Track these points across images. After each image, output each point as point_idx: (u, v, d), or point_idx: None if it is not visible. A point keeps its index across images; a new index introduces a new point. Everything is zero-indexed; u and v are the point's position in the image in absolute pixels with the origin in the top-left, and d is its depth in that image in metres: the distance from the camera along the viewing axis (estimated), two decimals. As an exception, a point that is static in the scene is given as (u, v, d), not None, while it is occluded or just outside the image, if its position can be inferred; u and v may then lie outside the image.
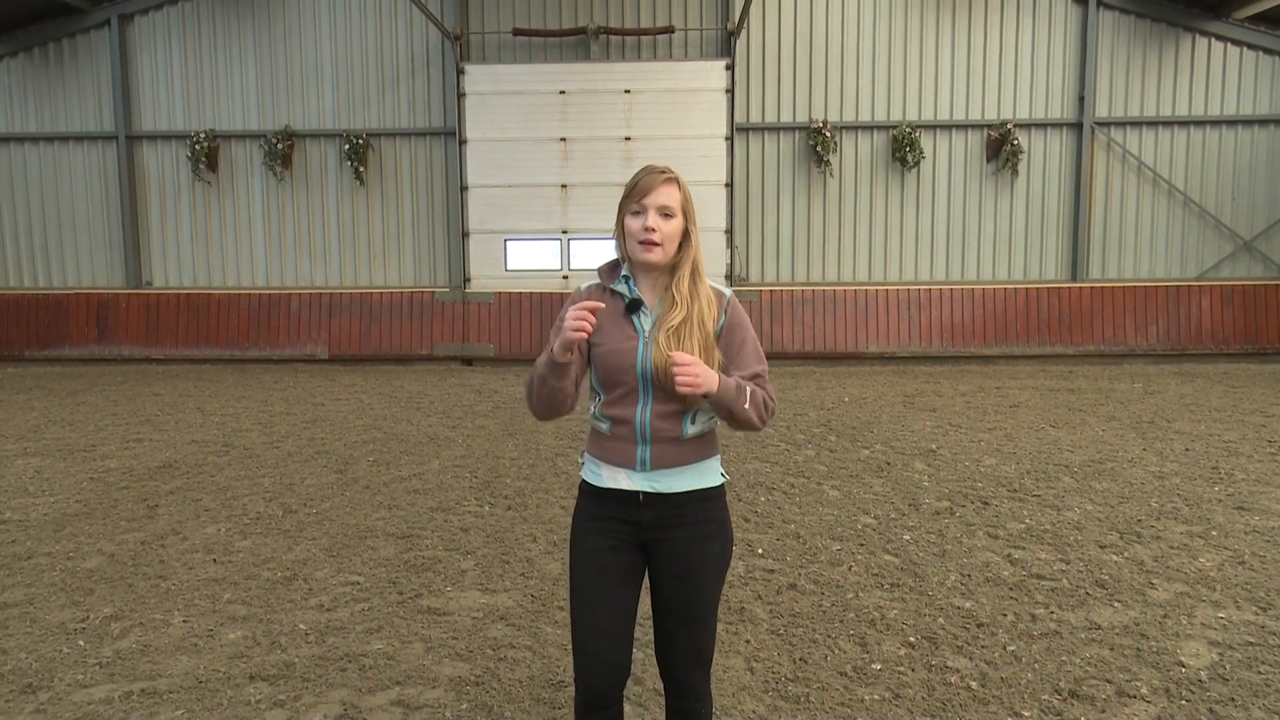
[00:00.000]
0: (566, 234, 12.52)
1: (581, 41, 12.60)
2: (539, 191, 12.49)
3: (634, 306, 2.18)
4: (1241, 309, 12.33)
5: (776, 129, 12.70)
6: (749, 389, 2.14)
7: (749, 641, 3.65)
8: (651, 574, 2.27)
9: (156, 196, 13.05)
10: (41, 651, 3.57)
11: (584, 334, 2.01)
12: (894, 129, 12.46)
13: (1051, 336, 12.39)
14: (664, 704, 2.38)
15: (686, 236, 2.19)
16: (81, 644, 3.63)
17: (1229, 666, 3.36)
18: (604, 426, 2.21)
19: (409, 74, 12.76)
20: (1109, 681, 3.26)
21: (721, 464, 2.31)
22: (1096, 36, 12.39)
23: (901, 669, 3.39)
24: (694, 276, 2.18)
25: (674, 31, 12.50)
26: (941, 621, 3.80)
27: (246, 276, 13.11)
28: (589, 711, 2.19)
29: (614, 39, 12.62)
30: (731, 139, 12.39)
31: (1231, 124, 12.54)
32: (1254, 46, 12.40)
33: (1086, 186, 12.54)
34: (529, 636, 3.71)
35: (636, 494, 2.19)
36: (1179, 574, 4.32)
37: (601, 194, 12.25)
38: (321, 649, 3.59)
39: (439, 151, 12.86)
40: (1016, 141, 12.30)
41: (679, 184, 2.17)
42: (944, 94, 12.60)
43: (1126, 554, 4.62)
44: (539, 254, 12.61)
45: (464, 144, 12.42)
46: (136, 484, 6.17)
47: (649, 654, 3.35)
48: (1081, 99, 12.47)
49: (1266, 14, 12.09)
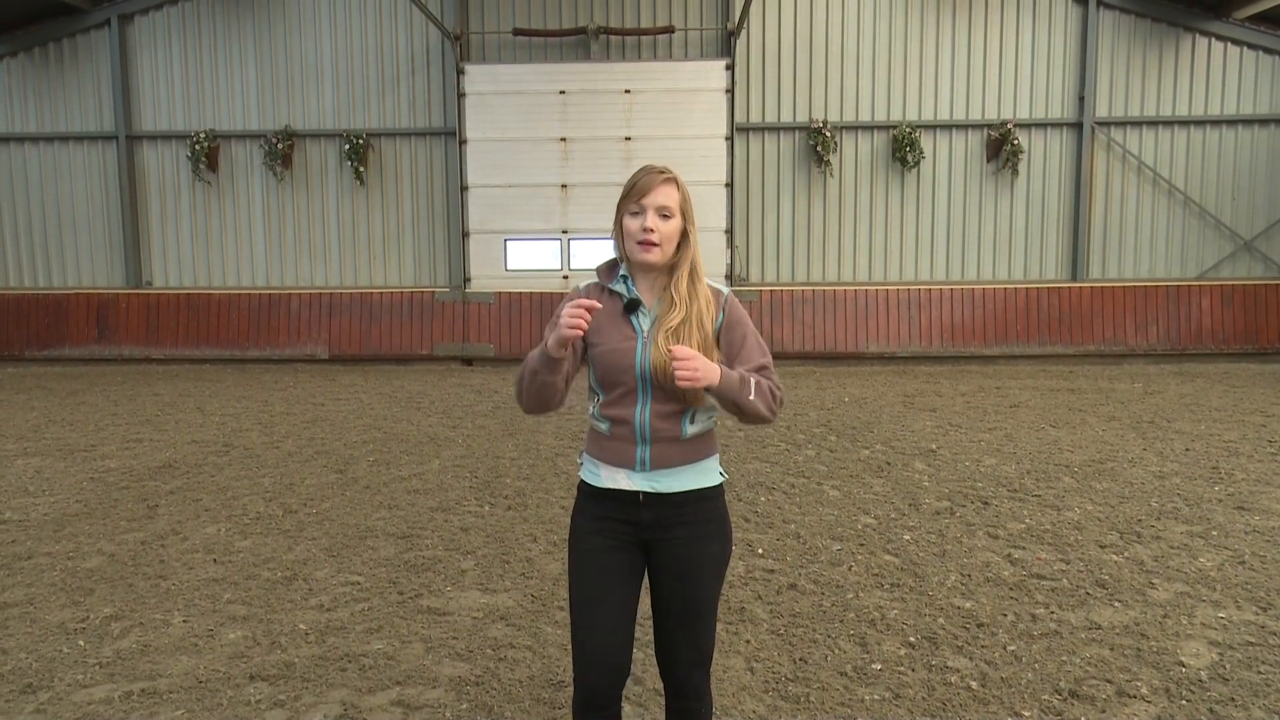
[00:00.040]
0: (566, 234, 12.52)
1: (581, 41, 12.60)
2: (539, 191, 12.49)
3: (632, 306, 2.18)
4: (1242, 309, 12.33)
5: (776, 129, 12.70)
6: (753, 380, 2.14)
7: (749, 641, 3.64)
8: (651, 574, 2.27)
9: (156, 196, 13.06)
10: (41, 651, 3.57)
11: (579, 331, 2.01)
12: (894, 129, 12.45)
13: (1052, 336, 12.39)
14: (664, 704, 2.38)
15: (685, 237, 2.19)
16: (81, 644, 3.63)
17: (1229, 666, 3.36)
18: (603, 427, 2.21)
19: (409, 74, 12.77)
20: (1109, 681, 3.26)
21: (720, 463, 2.31)
22: (1096, 36, 12.39)
23: (902, 669, 3.39)
24: (692, 277, 2.18)
25: (674, 31, 12.50)
26: (941, 621, 3.80)
27: (246, 276, 13.11)
28: (588, 711, 2.19)
29: (614, 39, 12.62)
30: (731, 139, 12.39)
31: (1231, 124, 12.54)
32: (1254, 46, 12.40)
33: (1086, 186, 12.54)
34: (529, 636, 3.71)
35: (636, 494, 2.19)
36: (1179, 574, 4.32)
37: (601, 194, 12.24)
38: (321, 649, 3.59)
39: (439, 151, 12.86)
40: (1016, 141, 12.30)
41: (678, 184, 2.17)
42: (944, 94, 12.60)
43: (1127, 554, 4.62)
44: (539, 254, 12.61)
45: (464, 144, 12.42)
46: (136, 484, 6.17)
47: (649, 654, 3.35)
48: (1081, 99, 12.46)
49: (1266, 14, 12.09)
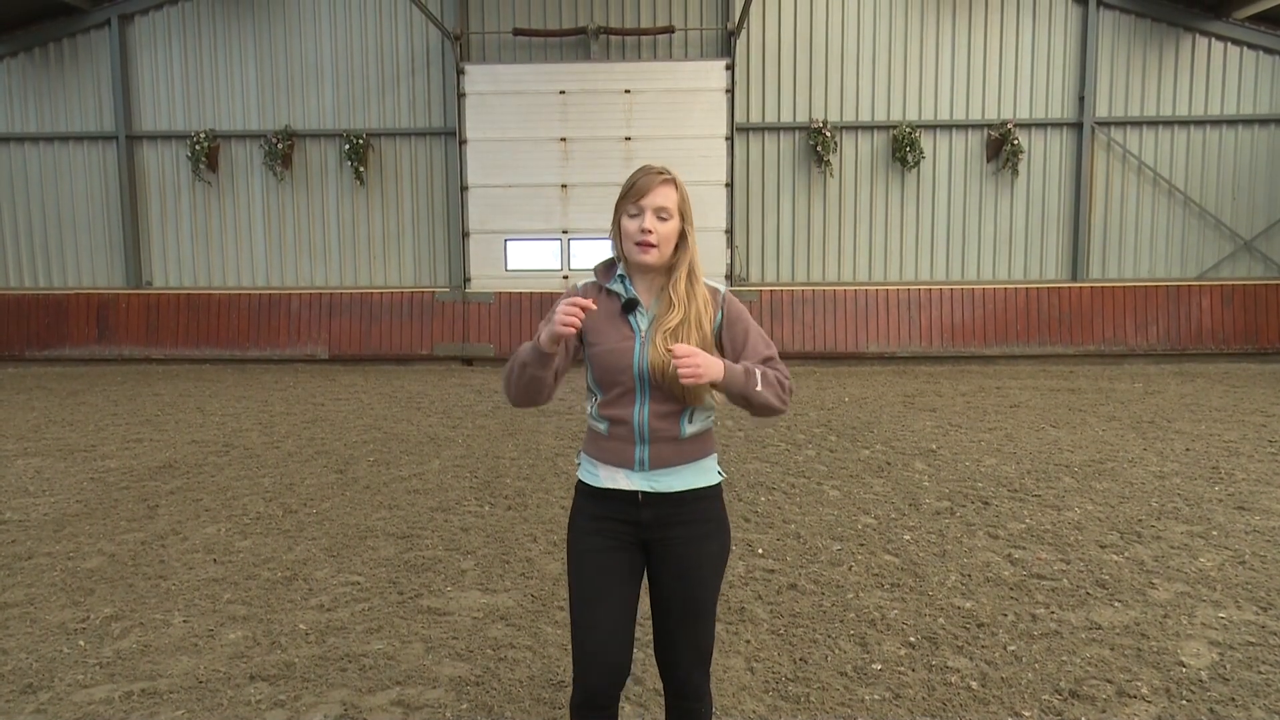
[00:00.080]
0: (567, 234, 12.52)
1: (581, 41, 12.60)
2: (539, 191, 12.49)
3: (630, 306, 2.18)
4: (1242, 309, 12.33)
5: (776, 129, 12.70)
6: (758, 371, 2.13)
7: (749, 641, 3.64)
8: (651, 573, 2.27)
9: (156, 196, 13.06)
10: (42, 651, 3.57)
11: (572, 329, 2.01)
12: (894, 129, 12.45)
13: (1052, 336, 12.39)
14: (664, 704, 2.38)
15: (683, 238, 2.19)
16: (82, 644, 3.63)
17: (1229, 666, 3.36)
18: (602, 427, 2.21)
19: (409, 74, 12.76)
20: (1109, 681, 3.26)
21: (718, 462, 2.31)
22: (1096, 36, 12.39)
23: (902, 669, 3.39)
24: (690, 278, 2.18)
25: (674, 31, 12.50)
26: (942, 621, 3.80)
27: (247, 276, 13.11)
28: (586, 711, 2.19)
29: (614, 39, 12.62)
30: (731, 139, 12.39)
31: (1231, 124, 12.54)
32: (1254, 46, 12.40)
33: (1086, 186, 12.54)
34: (529, 636, 3.70)
35: (635, 494, 2.19)
36: (1179, 574, 4.32)
37: (601, 194, 12.24)
38: (322, 649, 3.59)
39: (439, 151, 12.86)
40: (1016, 141, 12.30)
41: (676, 185, 2.17)
42: (944, 94, 12.60)
43: (1127, 554, 4.62)
44: (539, 254, 12.61)
45: (464, 144, 12.42)
46: (137, 484, 6.17)
47: (649, 654, 3.35)
48: (1081, 99, 12.46)
49: (1266, 14, 12.09)
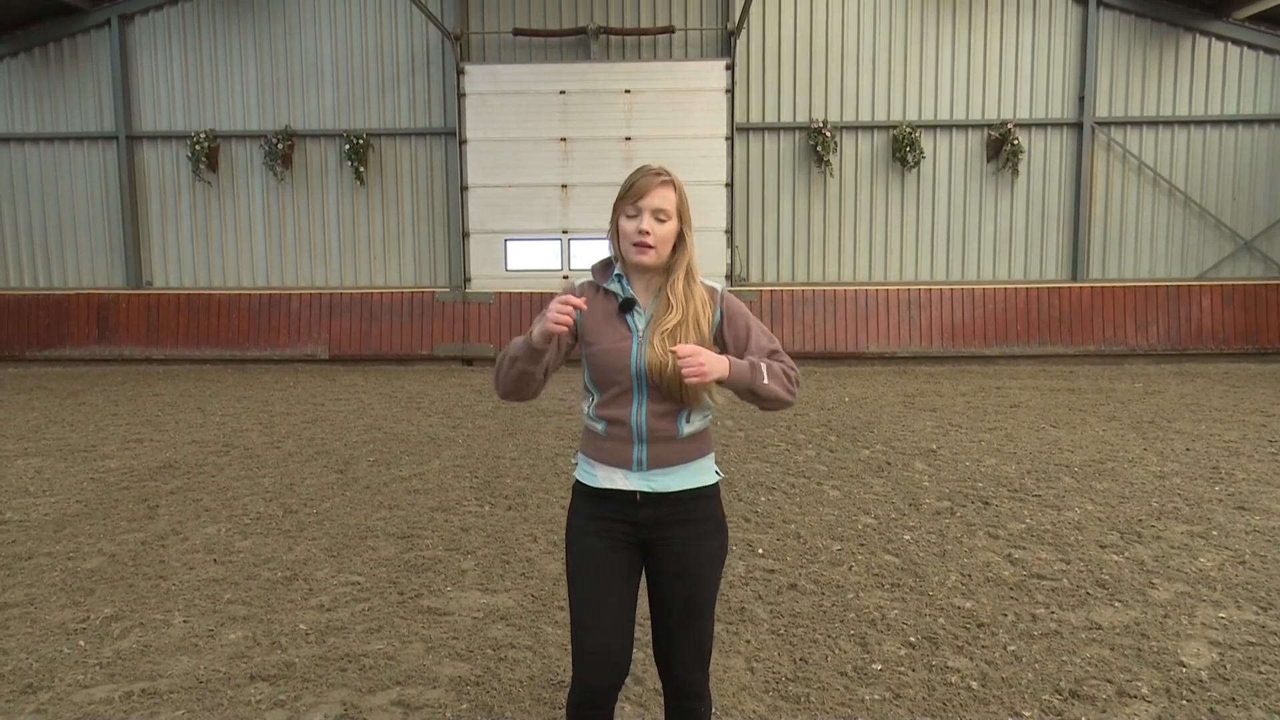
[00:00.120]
0: (567, 234, 12.52)
1: (581, 41, 12.60)
2: (539, 191, 12.49)
3: (628, 305, 2.18)
4: (1242, 309, 12.33)
5: (776, 129, 12.70)
6: (763, 364, 2.13)
7: (749, 641, 3.64)
8: (650, 573, 2.27)
9: (157, 196, 13.06)
10: (42, 652, 3.57)
11: (564, 327, 2.02)
12: (894, 129, 12.45)
13: (1052, 336, 12.39)
14: (664, 704, 2.38)
15: (681, 239, 2.19)
16: (82, 644, 3.63)
17: (1230, 666, 3.36)
18: (599, 427, 2.21)
19: (409, 74, 12.76)
20: (1109, 681, 3.26)
21: (715, 462, 2.31)
22: (1096, 36, 12.38)
23: (902, 669, 3.39)
24: (688, 279, 2.18)
25: (674, 31, 12.50)
26: (942, 621, 3.80)
27: (247, 276, 13.11)
28: (584, 711, 2.19)
29: (614, 39, 12.62)
30: (731, 139, 12.38)
31: (1231, 124, 12.54)
32: (1254, 46, 12.40)
33: (1086, 186, 12.54)
34: (529, 636, 3.71)
35: (633, 494, 2.19)
36: (1179, 574, 4.32)
37: (601, 194, 12.23)
38: (322, 649, 3.59)
39: (439, 151, 12.86)
40: (1016, 141, 12.30)
41: (675, 186, 2.17)
42: (944, 94, 12.60)
43: (1127, 554, 4.62)
44: (539, 254, 12.61)
45: (464, 144, 12.42)
46: (137, 484, 6.17)
47: (649, 654, 3.35)
48: (1081, 99, 12.46)
49: (1266, 14, 12.09)
